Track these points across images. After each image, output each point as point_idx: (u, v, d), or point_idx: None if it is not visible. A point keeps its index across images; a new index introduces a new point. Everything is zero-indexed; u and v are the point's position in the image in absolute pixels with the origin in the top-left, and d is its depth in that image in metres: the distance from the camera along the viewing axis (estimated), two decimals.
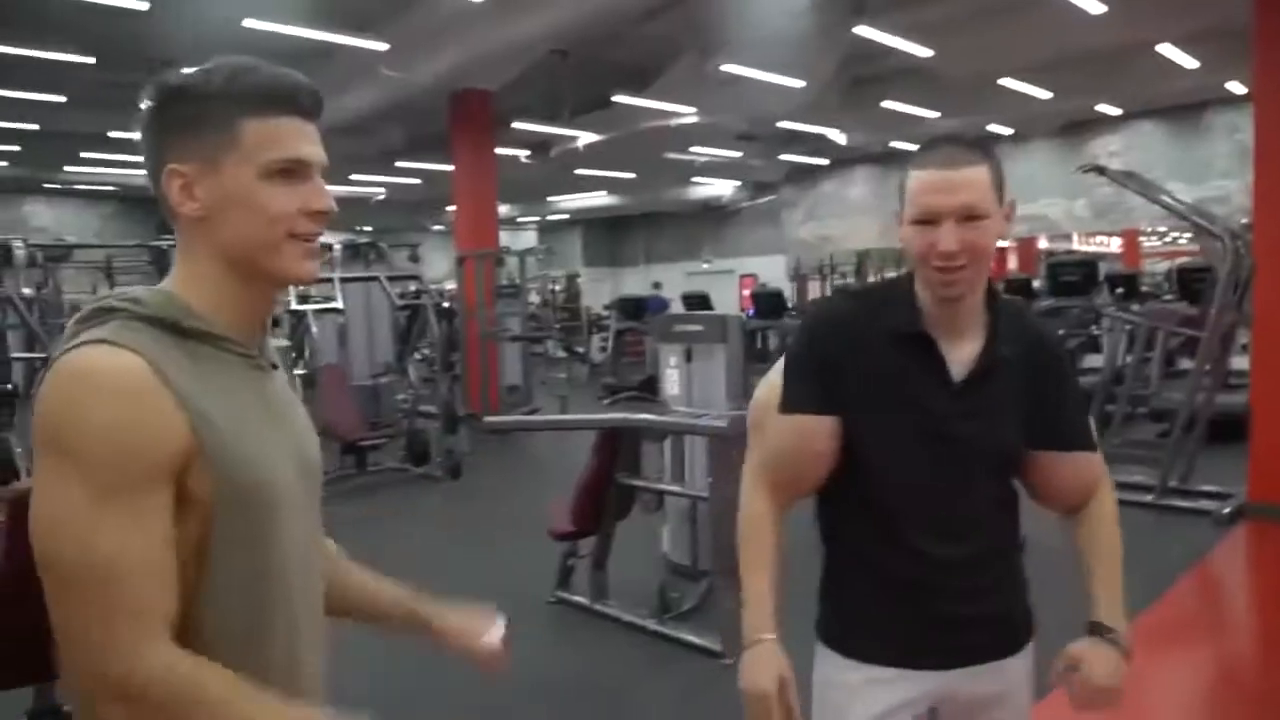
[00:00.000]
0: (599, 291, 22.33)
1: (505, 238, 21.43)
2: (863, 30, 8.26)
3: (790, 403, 1.42)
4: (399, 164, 14.92)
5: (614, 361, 13.51)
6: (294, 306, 6.74)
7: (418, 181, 17.01)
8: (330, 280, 7.16)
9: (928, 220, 1.30)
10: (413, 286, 8.00)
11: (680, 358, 4.55)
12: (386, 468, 7.67)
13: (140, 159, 1.01)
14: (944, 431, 1.38)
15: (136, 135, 1.01)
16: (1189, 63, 10.02)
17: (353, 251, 9.72)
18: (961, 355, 1.39)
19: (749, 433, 1.52)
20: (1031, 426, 1.43)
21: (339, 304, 6.85)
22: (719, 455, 3.59)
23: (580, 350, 16.72)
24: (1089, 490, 1.49)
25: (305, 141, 1.01)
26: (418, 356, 8.85)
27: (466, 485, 7.33)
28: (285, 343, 6.50)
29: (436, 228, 22.96)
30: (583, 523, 4.05)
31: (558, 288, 23.81)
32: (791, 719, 1.34)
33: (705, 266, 22.15)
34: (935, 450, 1.39)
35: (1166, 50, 9.58)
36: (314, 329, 6.60)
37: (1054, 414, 1.44)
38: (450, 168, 11.69)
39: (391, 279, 7.65)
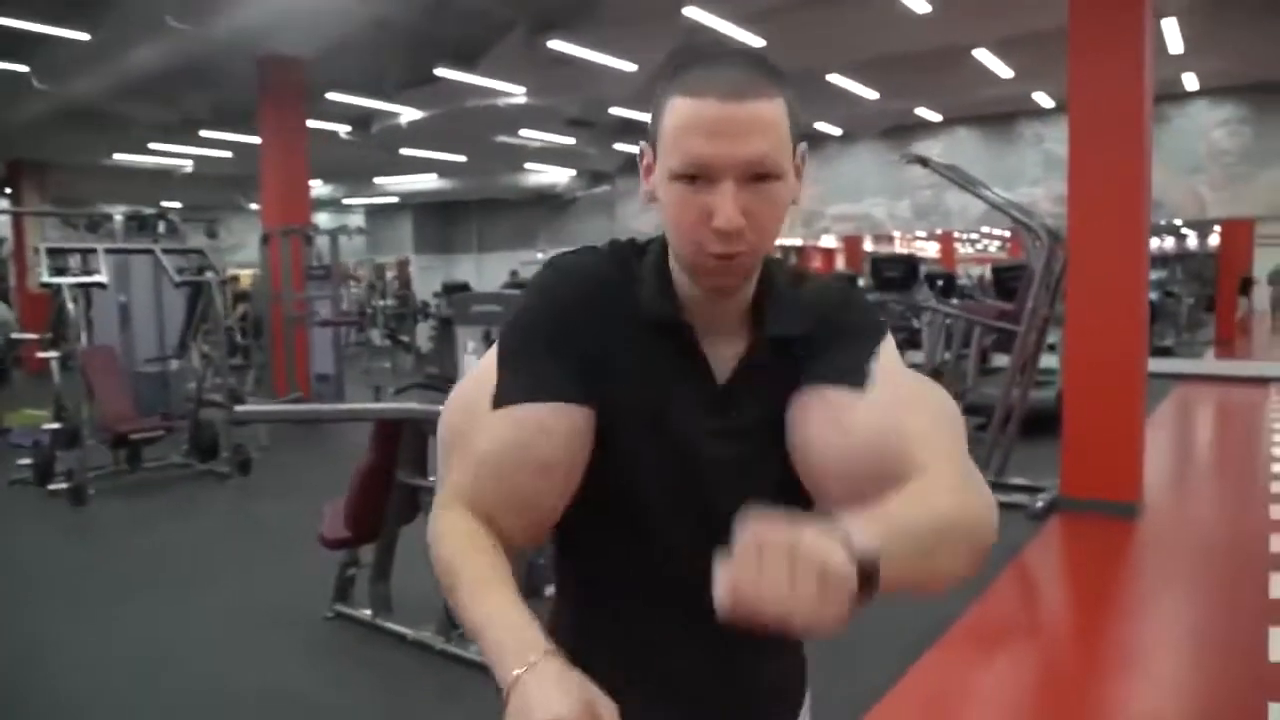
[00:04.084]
0: (431, 279, 21.54)
1: (329, 219, 20.37)
2: (693, 12, 8.02)
3: (515, 388, 0.93)
4: (204, 133, 13.69)
5: (440, 350, 12.89)
6: (46, 279, 5.78)
7: (228, 154, 15.74)
8: (94, 251, 6.25)
9: (698, 176, 0.89)
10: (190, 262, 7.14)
11: (479, 341, 4.09)
12: (169, 463, 6.89)
13: None
14: (694, 453, 0.97)
15: None
16: (1004, 71, 10.36)
17: (138, 223, 8.75)
18: (725, 353, 0.99)
19: (441, 460, 1.00)
20: None
21: (102, 278, 5.93)
22: None
23: (405, 339, 16.04)
24: (885, 456, 0.87)
25: None
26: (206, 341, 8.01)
27: (255, 483, 6.63)
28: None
29: (253, 206, 21.45)
30: (359, 529, 3.53)
31: (390, 274, 22.86)
32: None
33: (540, 256, 21.73)
34: (679, 482, 0.97)
35: (983, 56, 9.84)
36: (69, 305, 5.66)
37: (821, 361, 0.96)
38: (259, 140, 10.77)
39: (169, 253, 6.75)
